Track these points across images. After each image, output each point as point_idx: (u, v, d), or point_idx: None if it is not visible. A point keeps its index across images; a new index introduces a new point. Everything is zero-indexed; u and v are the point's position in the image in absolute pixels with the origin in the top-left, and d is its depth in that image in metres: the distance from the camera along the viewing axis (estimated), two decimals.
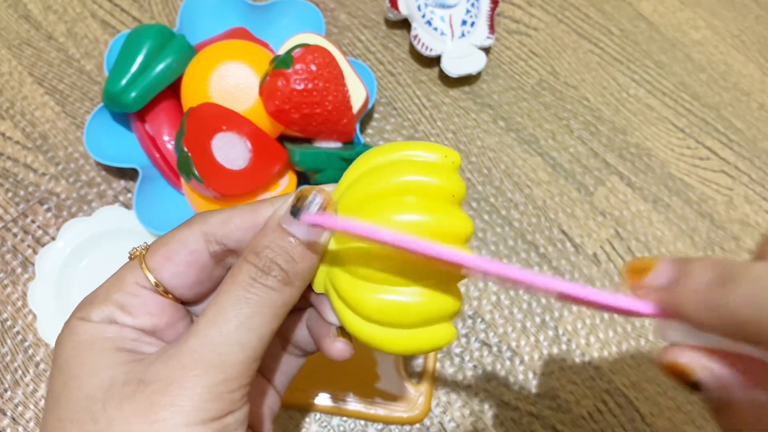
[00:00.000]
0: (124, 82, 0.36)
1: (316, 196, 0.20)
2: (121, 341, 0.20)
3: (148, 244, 0.22)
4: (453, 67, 0.44)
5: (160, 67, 0.36)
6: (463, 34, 0.45)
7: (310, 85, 0.35)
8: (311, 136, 0.37)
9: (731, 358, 0.17)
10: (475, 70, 0.44)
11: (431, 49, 0.44)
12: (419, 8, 0.44)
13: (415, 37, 0.44)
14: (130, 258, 0.22)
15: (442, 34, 0.44)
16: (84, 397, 0.19)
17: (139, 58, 0.36)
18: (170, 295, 0.21)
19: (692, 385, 0.18)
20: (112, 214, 0.39)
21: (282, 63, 0.35)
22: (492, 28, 0.45)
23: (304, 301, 0.23)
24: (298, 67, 0.35)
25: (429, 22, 0.44)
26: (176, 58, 0.37)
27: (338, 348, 0.22)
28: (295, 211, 0.20)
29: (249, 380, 0.19)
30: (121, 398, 0.18)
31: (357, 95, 0.40)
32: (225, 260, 0.22)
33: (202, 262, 0.21)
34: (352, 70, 0.40)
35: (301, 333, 0.25)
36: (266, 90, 0.35)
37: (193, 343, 0.18)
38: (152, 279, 0.21)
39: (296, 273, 0.20)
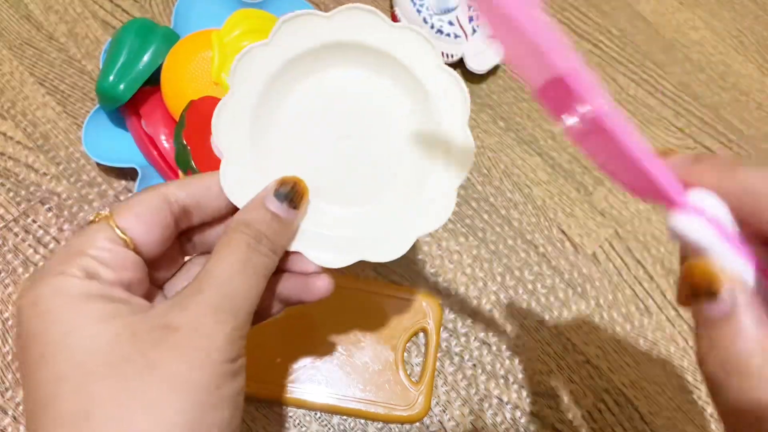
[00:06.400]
0: (112, 78, 0.37)
1: (296, 185, 0.24)
2: (109, 293, 0.21)
3: (108, 209, 0.23)
4: (479, 64, 0.44)
5: (145, 56, 0.37)
6: (474, 30, 0.45)
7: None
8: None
9: None
10: (499, 60, 0.44)
11: (452, 56, 0.44)
12: (425, 21, 0.44)
13: None
14: (93, 221, 0.23)
15: (456, 37, 0.44)
16: (103, 344, 0.19)
17: (124, 53, 0.37)
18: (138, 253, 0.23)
19: (711, 293, 0.17)
20: None
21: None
22: None
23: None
24: None
25: (440, 31, 0.44)
26: (160, 46, 0.38)
27: (323, 283, 0.25)
28: (278, 194, 0.24)
29: (248, 329, 0.22)
30: (153, 342, 0.20)
31: None
32: (181, 223, 0.24)
33: (166, 222, 0.23)
34: None
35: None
36: None
37: (209, 295, 0.21)
38: (125, 236, 0.22)
39: (280, 244, 0.24)
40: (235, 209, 0.25)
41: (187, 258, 0.27)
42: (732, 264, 0.17)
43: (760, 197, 0.17)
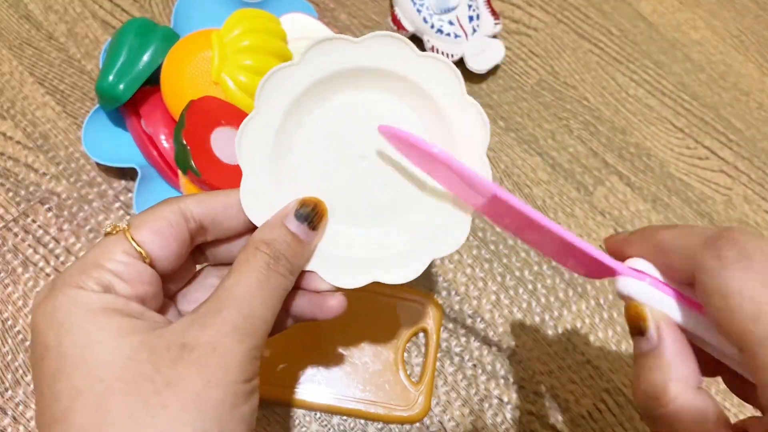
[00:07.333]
0: (111, 77, 0.37)
1: (317, 206, 0.24)
2: (126, 308, 0.21)
3: (126, 221, 0.23)
4: (479, 64, 0.44)
5: (145, 56, 0.37)
6: (474, 30, 0.45)
7: None
8: None
9: None
10: (499, 60, 0.45)
11: (452, 55, 0.44)
12: (425, 20, 0.44)
13: (432, 48, 0.44)
14: (110, 233, 0.22)
15: (456, 36, 0.44)
16: (121, 359, 0.19)
17: (124, 52, 0.37)
18: (155, 267, 0.23)
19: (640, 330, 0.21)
20: None
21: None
22: (495, 13, 0.46)
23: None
24: None
25: (440, 31, 0.44)
26: (160, 46, 0.38)
27: (336, 302, 0.25)
28: (299, 215, 0.23)
29: (264, 348, 0.22)
30: (171, 359, 0.19)
31: None
32: (196, 238, 0.24)
33: (183, 238, 0.23)
34: None
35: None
36: None
37: (228, 314, 0.21)
38: (141, 250, 0.22)
39: (297, 265, 0.24)
40: (251, 227, 0.24)
41: (198, 266, 0.27)
42: (661, 307, 0.21)
43: (669, 251, 0.21)
